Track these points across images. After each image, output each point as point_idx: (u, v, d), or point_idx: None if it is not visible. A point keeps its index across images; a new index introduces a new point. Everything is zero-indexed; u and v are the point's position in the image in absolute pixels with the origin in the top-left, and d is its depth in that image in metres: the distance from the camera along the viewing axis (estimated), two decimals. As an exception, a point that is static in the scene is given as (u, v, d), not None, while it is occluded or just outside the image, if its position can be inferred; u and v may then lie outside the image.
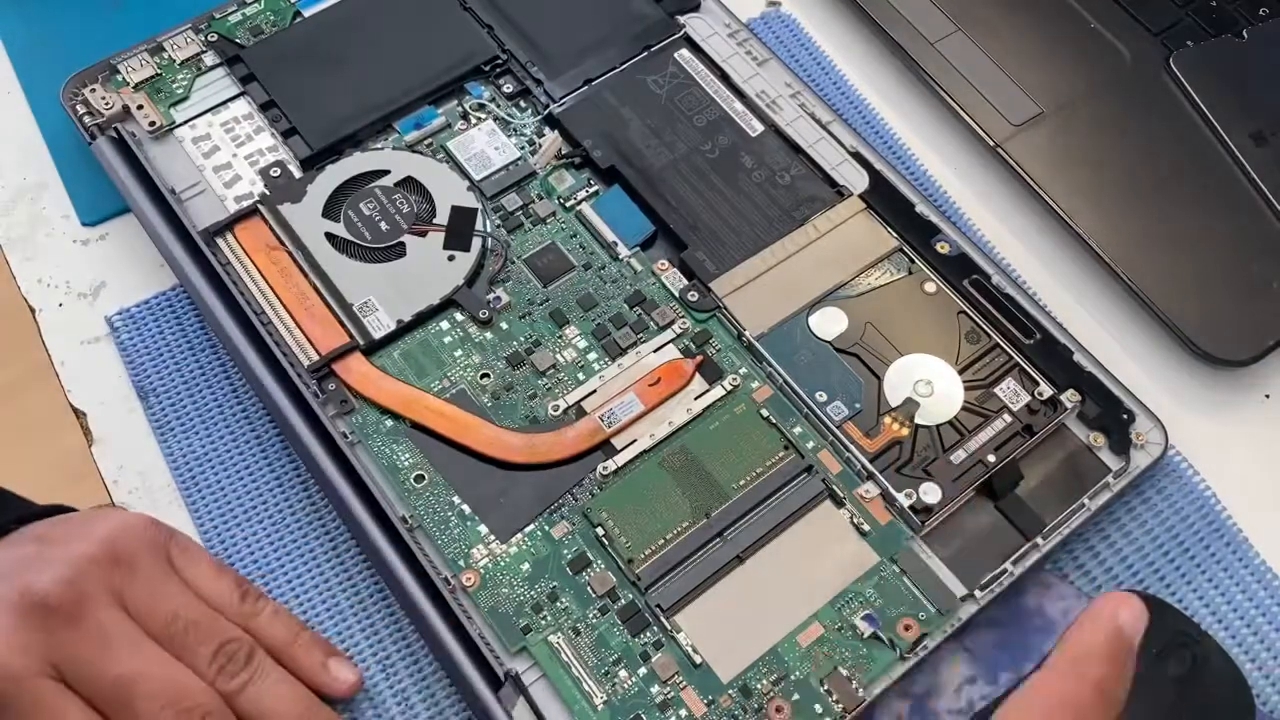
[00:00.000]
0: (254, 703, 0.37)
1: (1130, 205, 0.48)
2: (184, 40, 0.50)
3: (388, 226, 0.46)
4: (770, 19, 0.55)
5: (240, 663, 0.37)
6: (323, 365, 0.43)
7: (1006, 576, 0.40)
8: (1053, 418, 0.42)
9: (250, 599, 0.39)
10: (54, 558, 0.36)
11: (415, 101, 0.49)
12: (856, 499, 0.41)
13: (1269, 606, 0.41)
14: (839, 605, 0.39)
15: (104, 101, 0.48)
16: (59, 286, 0.48)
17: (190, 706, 0.35)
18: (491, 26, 0.51)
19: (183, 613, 0.37)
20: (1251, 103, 0.50)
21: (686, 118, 0.49)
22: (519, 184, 0.48)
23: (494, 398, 0.43)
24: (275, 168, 0.48)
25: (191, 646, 0.36)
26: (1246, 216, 0.48)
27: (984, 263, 0.46)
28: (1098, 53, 0.52)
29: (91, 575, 0.36)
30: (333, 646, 0.39)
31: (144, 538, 0.38)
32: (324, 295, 0.44)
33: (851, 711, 0.38)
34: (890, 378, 0.43)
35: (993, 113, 0.50)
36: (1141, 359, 0.47)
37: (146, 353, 0.46)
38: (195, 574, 0.39)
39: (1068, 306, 0.48)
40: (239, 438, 0.44)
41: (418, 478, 0.41)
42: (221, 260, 0.45)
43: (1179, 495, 0.43)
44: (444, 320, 0.45)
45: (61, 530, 0.38)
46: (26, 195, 0.50)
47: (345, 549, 0.42)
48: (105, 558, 0.37)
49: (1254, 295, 0.46)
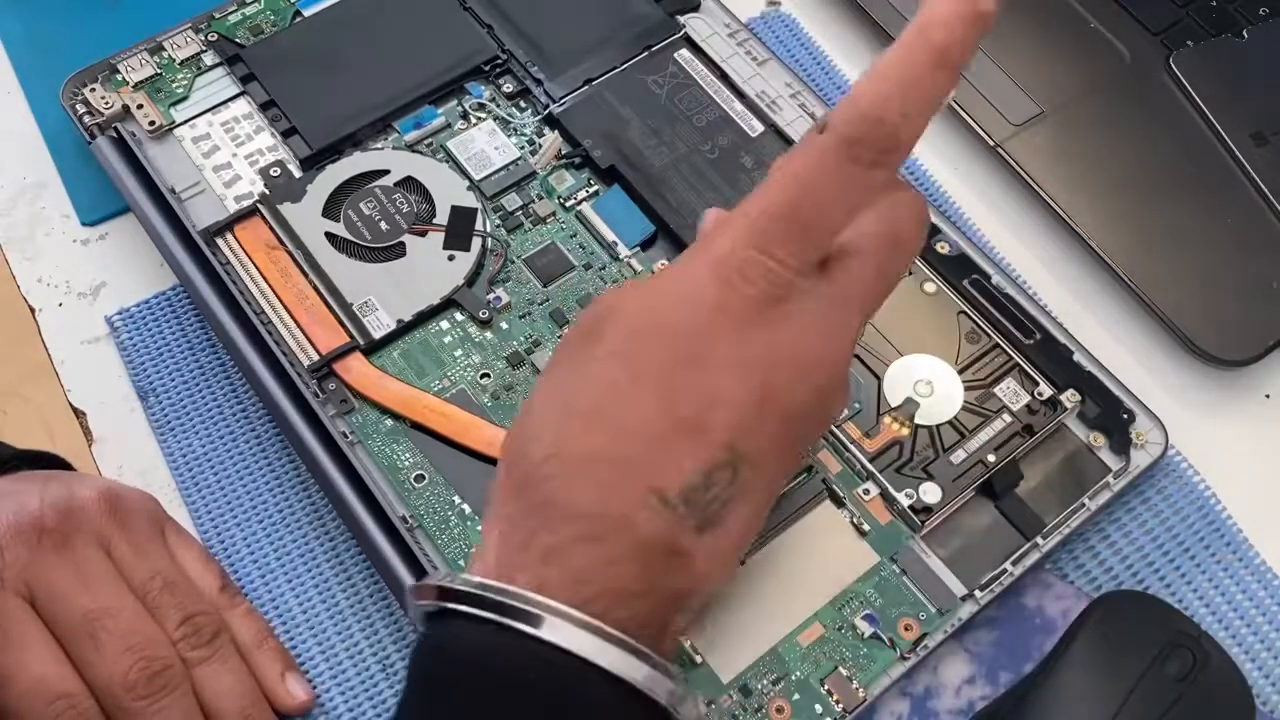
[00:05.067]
0: (206, 681, 0.37)
1: (1130, 205, 0.48)
2: (184, 40, 0.50)
3: (388, 226, 0.46)
4: (770, 19, 0.55)
5: (204, 637, 0.37)
6: (323, 365, 0.43)
7: (1006, 576, 0.40)
8: (1053, 418, 0.42)
9: (229, 593, 0.40)
10: (54, 490, 0.37)
11: (415, 101, 0.49)
12: (856, 499, 0.41)
13: (1269, 606, 0.41)
14: (839, 605, 0.39)
15: (104, 101, 0.48)
16: (59, 286, 0.48)
17: (152, 656, 0.35)
18: (491, 26, 0.51)
19: (163, 574, 0.37)
20: (1251, 103, 0.50)
21: (686, 118, 0.49)
22: (519, 184, 0.48)
23: (494, 398, 0.43)
24: (275, 167, 0.48)
25: (164, 608, 0.37)
26: (1246, 216, 0.48)
27: (984, 263, 0.46)
28: (1098, 53, 0.52)
29: (86, 515, 0.37)
30: (294, 662, 0.40)
31: (144, 506, 0.40)
32: (324, 295, 0.44)
33: (851, 711, 0.38)
34: (890, 378, 0.43)
35: (993, 113, 0.50)
36: (1141, 359, 0.47)
37: (146, 353, 0.46)
38: (183, 555, 0.39)
39: (1068, 306, 0.48)
40: (239, 437, 0.44)
41: (418, 478, 0.41)
42: (221, 260, 0.45)
43: (1179, 495, 0.43)
44: (444, 320, 0.45)
45: (67, 476, 0.39)
46: (26, 195, 0.50)
47: (344, 549, 0.42)
48: (103, 505, 0.38)
49: (1254, 295, 0.46)
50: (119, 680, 0.35)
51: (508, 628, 0.28)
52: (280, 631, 0.40)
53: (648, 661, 0.28)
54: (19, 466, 0.39)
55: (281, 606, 0.41)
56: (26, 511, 0.36)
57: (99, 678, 0.35)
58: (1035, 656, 0.40)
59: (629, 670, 0.28)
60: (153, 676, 0.35)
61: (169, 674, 0.35)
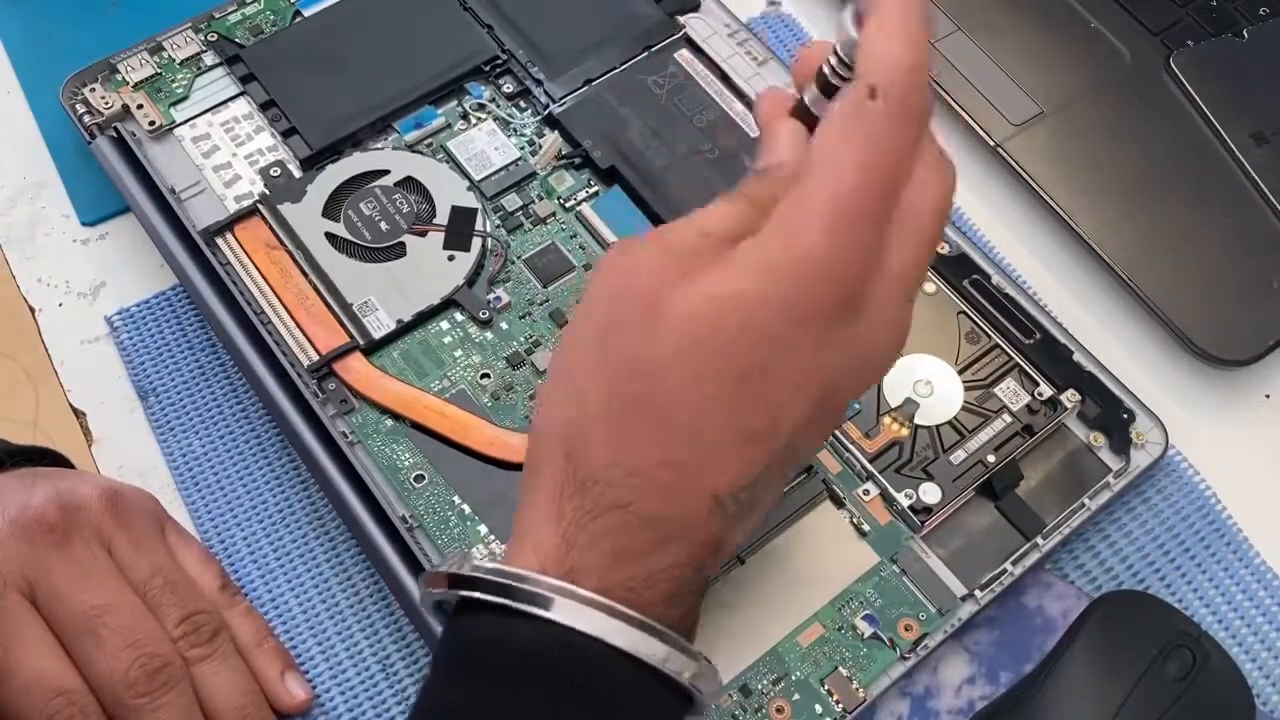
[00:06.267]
0: (205, 678, 0.37)
1: (1130, 205, 0.48)
2: (184, 40, 0.50)
3: (388, 226, 0.46)
4: (770, 19, 0.55)
5: (204, 636, 0.37)
6: (323, 365, 0.43)
7: (1006, 576, 0.40)
8: (1053, 418, 0.42)
9: (228, 592, 0.40)
10: (55, 488, 0.37)
11: (415, 101, 0.49)
12: (856, 499, 0.41)
13: (1269, 606, 0.41)
14: (839, 605, 0.39)
15: (104, 101, 0.48)
16: (59, 286, 0.48)
17: (151, 653, 0.35)
18: (491, 26, 0.51)
19: (163, 572, 0.38)
20: (1251, 103, 0.50)
21: (686, 118, 0.49)
22: (519, 184, 0.48)
23: (494, 398, 0.43)
24: (275, 167, 0.48)
25: (164, 606, 0.37)
26: (1246, 216, 0.48)
27: (984, 263, 0.46)
28: (1098, 53, 0.52)
29: (87, 512, 0.37)
30: (294, 661, 0.40)
31: (145, 504, 0.40)
32: (324, 295, 0.44)
33: (851, 711, 0.38)
34: (890, 378, 0.43)
35: (993, 113, 0.50)
36: (1141, 359, 0.47)
37: (146, 352, 0.46)
38: (184, 554, 0.39)
39: (1068, 306, 0.48)
40: (239, 437, 0.44)
41: (418, 478, 0.41)
42: (221, 260, 0.45)
43: (1179, 495, 0.43)
44: (444, 320, 0.45)
45: (68, 473, 0.39)
46: (26, 195, 0.50)
47: (344, 549, 0.42)
48: (104, 503, 0.38)
49: (1254, 295, 0.46)
50: (119, 677, 0.35)
51: (523, 613, 0.28)
52: (280, 631, 0.40)
53: (668, 641, 0.28)
54: (20, 463, 0.39)
55: (281, 606, 0.41)
56: (28, 508, 0.36)
57: (99, 675, 0.35)
58: (1035, 656, 0.40)
59: (648, 650, 0.28)
60: (153, 674, 0.35)
61: (169, 671, 0.35)
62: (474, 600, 0.29)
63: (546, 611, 0.28)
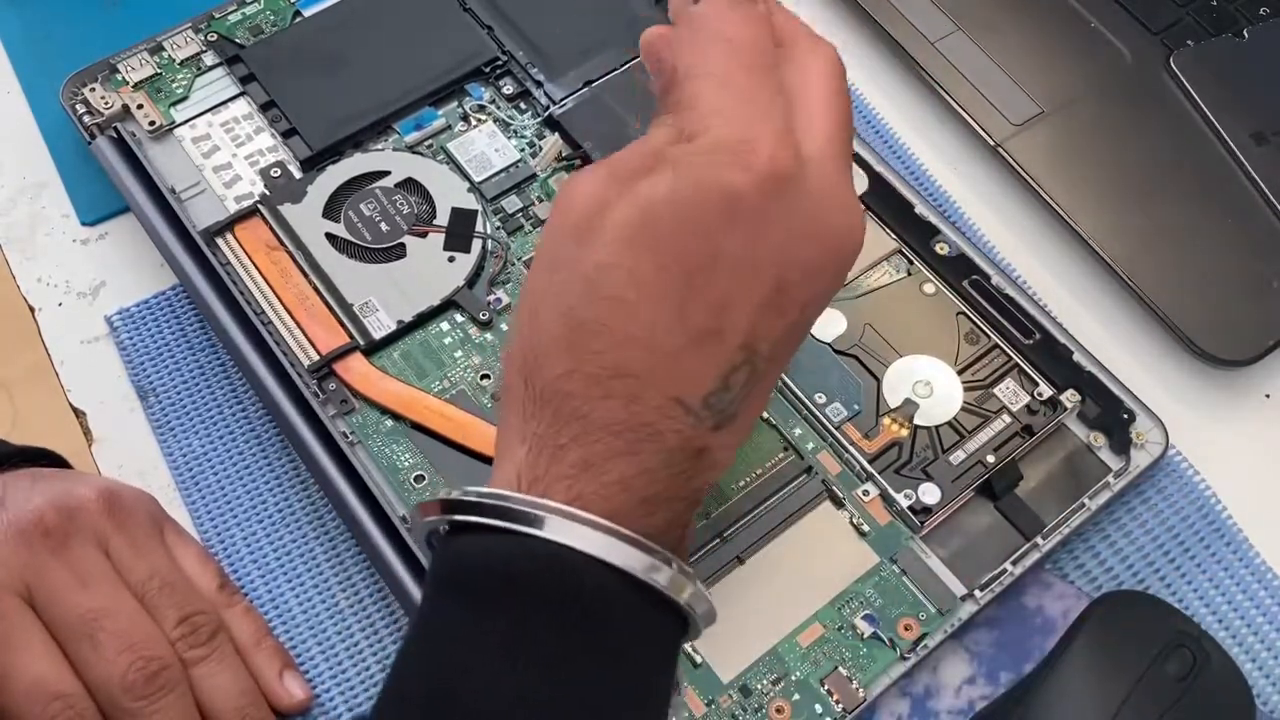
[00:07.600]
0: (204, 679, 0.37)
1: (1130, 205, 0.48)
2: (184, 40, 0.50)
3: (388, 227, 0.46)
4: (770, 19, 0.55)
5: (203, 637, 0.37)
6: (323, 365, 0.43)
7: (1006, 576, 0.40)
8: (1052, 418, 0.42)
9: (227, 591, 0.40)
10: (53, 489, 0.37)
11: (415, 103, 0.49)
12: (856, 500, 0.41)
13: (1269, 606, 0.41)
14: (839, 605, 0.39)
15: (104, 101, 0.48)
16: (59, 286, 0.48)
17: (150, 656, 0.35)
18: (492, 28, 0.51)
19: (161, 573, 0.38)
20: (1251, 103, 0.50)
21: (686, 118, 0.49)
22: (519, 186, 0.48)
23: (494, 398, 0.43)
24: (275, 168, 0.48)
25: (162, 608, 0.37)
26: (1246, 216, 0.48)
27: (983, 263, 0.46)
28: (1098, 53, 0.52)
29: (85, 514, 0.37)
30: (293, 661, 0.40)
31: (143, 505, 0.40)
32: (324, 295, 0.44)
33: (851, 711, 0.38)
34: (889, 379, 0.43)
35: (993, 112, 0.50)
36: (1141, 359, 0.47)
37: (146, 352, 0.46)
38: (182, 554, 0.39)
39: (1068, 306, 0.48)
40: (239, 437, 0.44)
41: (418, 478, 0.41)
42: (221, 260, 0.45)
43: (1179, 495, 0.43)
44: (444, 321, 0.45)
45: (66, 475, 0.39)
46: (26, 195, 0.50)
47: (344, 549, 0.42)
48: (102, 505, 0.38)
49: (1254, 295, 0.46)
50: (117, 680, 0.35)
51: (514, 532, 0.28)
52: (280, 631, 0.40)
53: (663, 559, 0.28)
54: (18, 464, 0.39)
55: (281, 606, 0.41)
56: (25, 511, 0.36)
57: (97, 678, 0.35)
58: (1035, 656, 0.40)
59: (640, 565, 0.28)
60: (151, 676, 0.35)
61: (167, 674, 0.35)
62: (462, 525, 0.29)
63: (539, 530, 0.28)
